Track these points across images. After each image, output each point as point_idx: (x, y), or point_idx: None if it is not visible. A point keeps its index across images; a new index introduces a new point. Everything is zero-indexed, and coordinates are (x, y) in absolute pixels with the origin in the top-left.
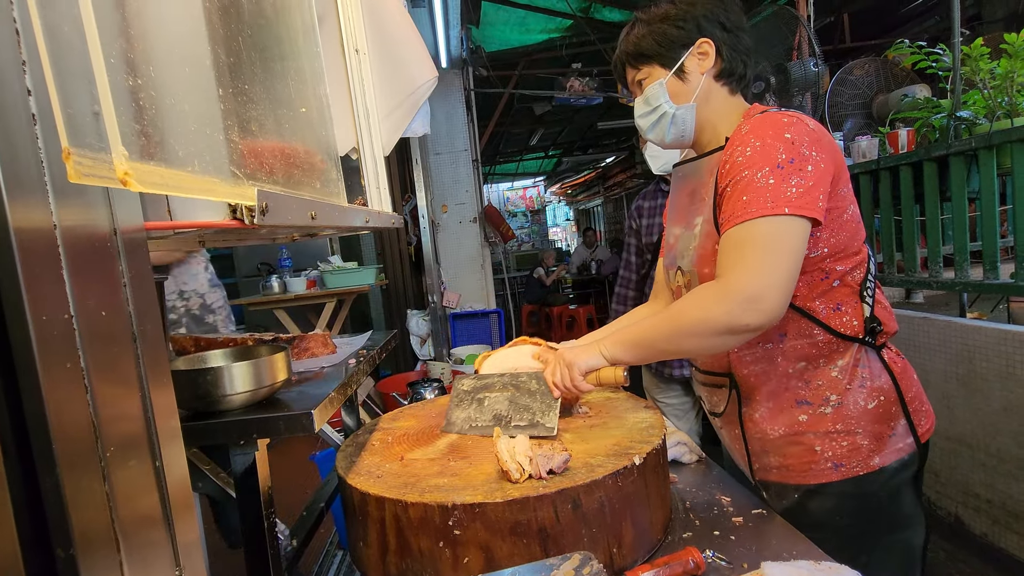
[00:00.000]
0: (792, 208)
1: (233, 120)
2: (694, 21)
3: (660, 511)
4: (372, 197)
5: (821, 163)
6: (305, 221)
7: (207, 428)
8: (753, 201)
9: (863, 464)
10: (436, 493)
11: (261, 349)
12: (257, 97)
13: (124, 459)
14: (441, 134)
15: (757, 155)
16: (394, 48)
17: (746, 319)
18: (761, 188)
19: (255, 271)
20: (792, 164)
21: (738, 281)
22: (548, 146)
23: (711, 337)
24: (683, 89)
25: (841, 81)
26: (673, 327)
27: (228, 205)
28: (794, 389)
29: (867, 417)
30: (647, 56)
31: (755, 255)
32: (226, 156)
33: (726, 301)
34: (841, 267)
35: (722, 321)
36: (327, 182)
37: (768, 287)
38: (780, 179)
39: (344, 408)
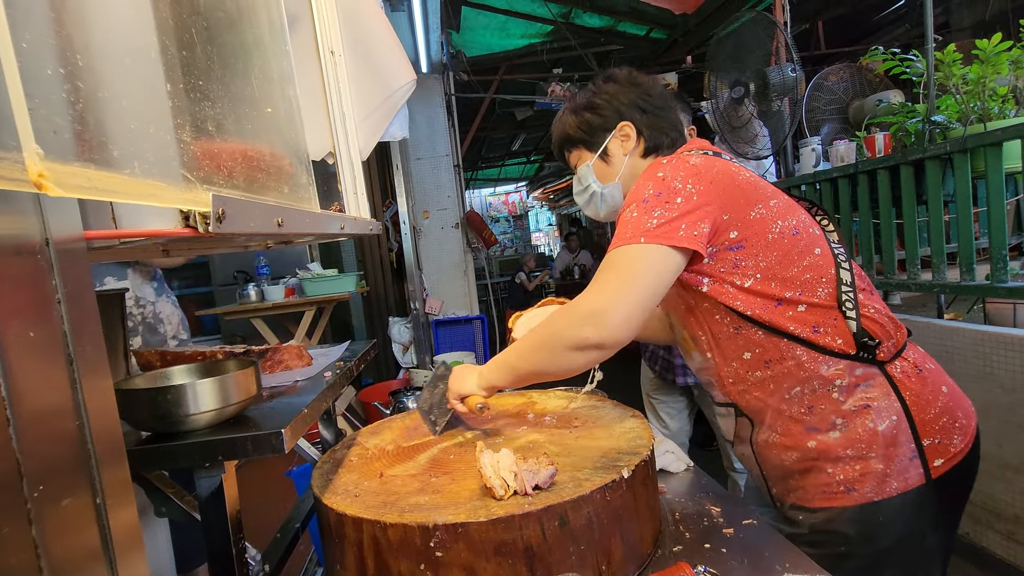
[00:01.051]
0: (648, 237)
1: (185, 119)
2: (614, 108)
3: (649, 524)
4: (349, 203)
5: (695, 195)
6: (271, 228)
7: (169, 450)
8: (619, 234)
9: (877, 490)
10: (416, 513)
11: (229, 364)
12: (215, 95)
13: (55, 498)
14: (422, 139)
15: (630, 195)
16: (371, 50)
17: (585, 332)
18: (625, 221)
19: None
20: (658, 197)
21: (583, 299)
22: (530, 151)
23: (558, 352)
24: (607, 170)
25: (817, 87)
26: (527, 344)
27: (180, 212)
28: (799, 416)
29: (880, 440)
30: (574, 141)
31: (604, 277)
32: (176, 158)
33: (569, 316)
34: (792, 287)
35: (566, 335)
36: (296, 187)
37: (609, 304)
38: (642, 212)
39: (321, 421)
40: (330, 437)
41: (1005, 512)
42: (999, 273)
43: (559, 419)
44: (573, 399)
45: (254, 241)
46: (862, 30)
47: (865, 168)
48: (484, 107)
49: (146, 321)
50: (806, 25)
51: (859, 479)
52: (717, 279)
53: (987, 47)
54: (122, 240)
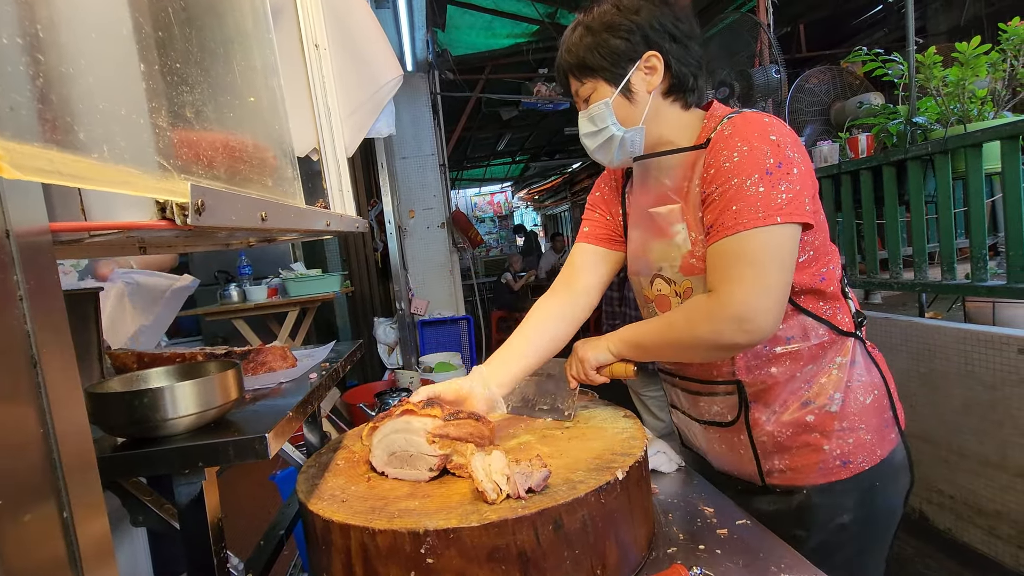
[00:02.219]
0: (784, 216)
1: (161, 103)
2: (641, 32)
3: (644, 526)
4: (334, 200)
5: (803, 165)
6: (254, 223)
7: (145, 457)
8: (743, 211)
9: (868, 458)
10: (406, 518)
11: (210, 366)
12: (194, 80)
13: (16, 514)
14: (407, 138)
15: (745, 161)
16: (357, 45)
17: (735, 339)
18: (751, 197)
19: (212, 279)
20: (780, 169)
21: (729, 301)
22: (515, 151)
23: (699, 350)
24: (630, 110)
25: (799, 88)
26: (665, 337)
27: (156, 202)
28: (800, 391)
29: (867, 412)
30: (591, 69)
31: (747, 272)
32: (151, 144)
33: (714, 320)
34: (826, 268)
35: (710, 340)
36: (281, 180)
37: (758, 309)
38: (769, 186)
39: (306, 424)
40: (315, 440)
41: (986, 508)
42: (979, 272)
43: (551, 420)
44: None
45: (236, 238)
46: (842, 34)
47: (848, 168)
48: (470, 106)
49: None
50: (787, 28)
51: (852, 451)
52: None
53: (967, 50)
54: (92, 233)
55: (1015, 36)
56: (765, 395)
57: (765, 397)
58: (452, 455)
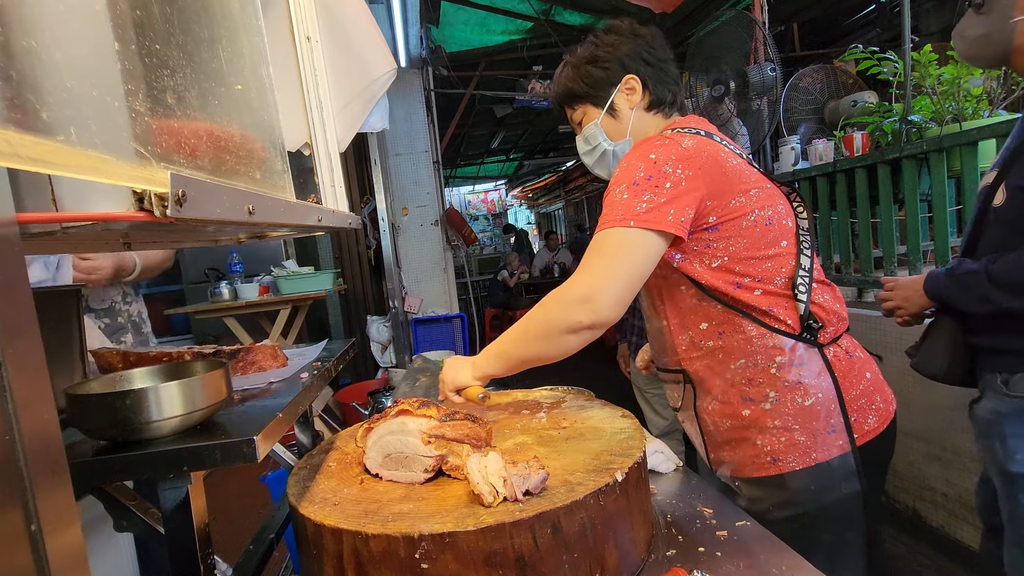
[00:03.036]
0: (637, 221)
1: (138, 86)
2: (618, 61)
3: (643, 528)
4: (327, 195)
5: (683, 180)
6: (240, 216)
7: (128, 461)
8: (607, 214)
9: (800, 460)
10: (400, 522)
11: (196, 365)
12: (175, 64)
13: None
14: (400, 135)
15: (620, 173)
16: (349, 37)
17: (578, 317)
18: (616, 202)
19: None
20: (648, 181)
21: (575, 283)
22: (509, 149)
23: (553, 337)
24: (617, 126)
25: (793, 87)
26: (521, 331)
27: (133, 192)
28: (739, 385)
29: (804, 414)
30: (579, 96)
31: (594, 261)
32: (126, 128)
33: (563, 303)
34: (753, 273)
35: (560, 320)
36: (270, 173)
37: (599, 289)
38: (632, 195)
39: (298, 424)
40: (307, 441)
41: None
42: None
43: (547, 419)
44: (561, 399)
45: (224, 234)
46: (835, 34)
47: (843, 167)
48: (464, 103)
49: (132, 319)
50: (781, 27)
51: (783, 450)
52: (688, 256)
53: None
54: (64, 225)
55: None
56: (705, 384)
57: (706, 386)
58: (448, 456)
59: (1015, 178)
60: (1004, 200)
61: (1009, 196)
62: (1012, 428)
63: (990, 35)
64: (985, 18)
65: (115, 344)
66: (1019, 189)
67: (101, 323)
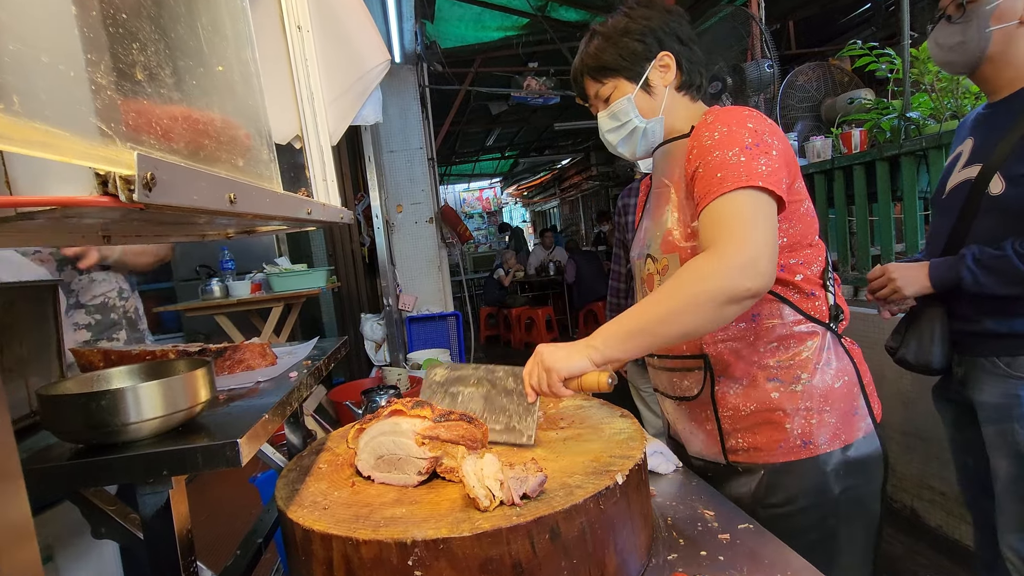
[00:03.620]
0: (764, 182)
1: (101, 57)
2: (654, 35)
3: (643, 532)
4: (318, 189)
5: (777, 152)
6: (220, 205)
7: (104, 465)
8: (728, 176)
9: (829, 442)
10: (392, 527)
11: (179, 364)
12: (145, 37)
13: None
14: (395, 131)
15: (725, 138)
16: (342, 27)
17: (746, 283)
18: (734, 164)
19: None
20: (758, 147)
21: (731, 248)
22: (504, 147)
23: (712, 309)
24: (650, 103)
25: (790, 85)
26: (668, 307)
27: (96, 174)
28: (766, 368)
29: (834, 395)
30: (611, 70)
31: (741, 224)
32: (86, 102)
33: (723, 268)
34: (797, 259)
35: (722, 288)
36: (255, 162)
37: (760, 252)
38: (750, 157)
39: (288, 424)
40: (297, 441)
41: None
42: None
43: (545, 420)
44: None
45: (213, 227)
46: (830, 32)
47: (841, 164)
48: (459, 100)
49: (127, 315)
50: (777, 25)
51: (814, 432)
52: None
53: None
54: (20, 210)
55: None
56: (729, 368)
57: (731, 371)
58: (442, 458)
59: (1015, 167)
60: (1004, 188)
61: (1010, 184)
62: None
63: (966, 43)
64: (961, 27)
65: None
66: (1021, 177)
67: (92, 319)
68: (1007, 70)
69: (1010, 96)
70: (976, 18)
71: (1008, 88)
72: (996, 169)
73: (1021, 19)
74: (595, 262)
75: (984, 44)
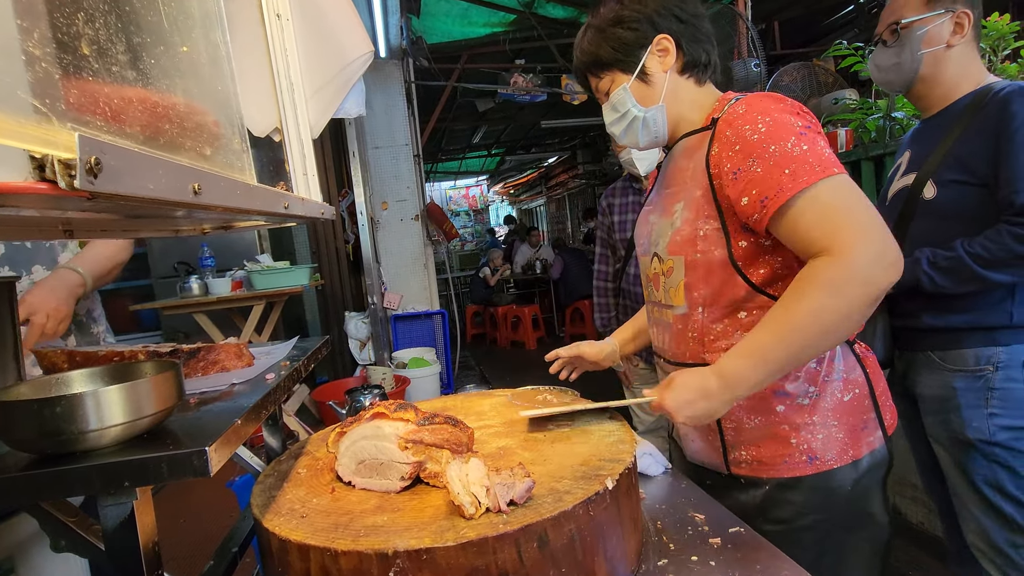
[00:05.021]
0: (838, 167)
1: (35, 24)
2: (648, 20)
3: (633, 537)
4: (298, 184)
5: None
6: (183, 196)
7: (59, 477)
8: (799, 170)
9: (837, 458)
10: (373, 537)
11: (146, 367)
12: (91, 6)
13: None
14: (380, 127)
15: (774, 129)
16: (323, 16)
17: (885, 279)
18: (800, 156)
19: (172, 271)
20: (809, 130)
21: (856, 247)
22: (491, 144)
23: (860, 316)
24: (648, 91)
25: (776, 84)
26: (815, 330)
27: (31, 157)
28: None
29: (842, 409)
30: (606, 64)
31: (847, 217)
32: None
33: (856, 272)
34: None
35: (865, 293)
36: (224, 151)
37: (882, 240)
38: (811, 144)
39: (266, 426)
40: (276, 444)
41: None
42: None
43: (533, 422)
44: (545, 399)
45: (187, 223)
46: (814, 33)
47: None
48: (445, 96)
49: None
50: (763, 25)
51: (821, 448)
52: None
53: None
54: None
55: (994, 32)
56: None
57: None
58: (426, 463)
59: (944, 174)
60: (936, 193)
61: (941, 189)
62: (965, 399)
63: (901, 64)
64: (896, 50)
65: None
66: (951, 182)
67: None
68: (937, 88)
69: (940, 112)
70: (909, 42)
71: (939, 105)
72: (929, 176)
73: (948, 43)
74: (583, 260)
75: (916, 65)
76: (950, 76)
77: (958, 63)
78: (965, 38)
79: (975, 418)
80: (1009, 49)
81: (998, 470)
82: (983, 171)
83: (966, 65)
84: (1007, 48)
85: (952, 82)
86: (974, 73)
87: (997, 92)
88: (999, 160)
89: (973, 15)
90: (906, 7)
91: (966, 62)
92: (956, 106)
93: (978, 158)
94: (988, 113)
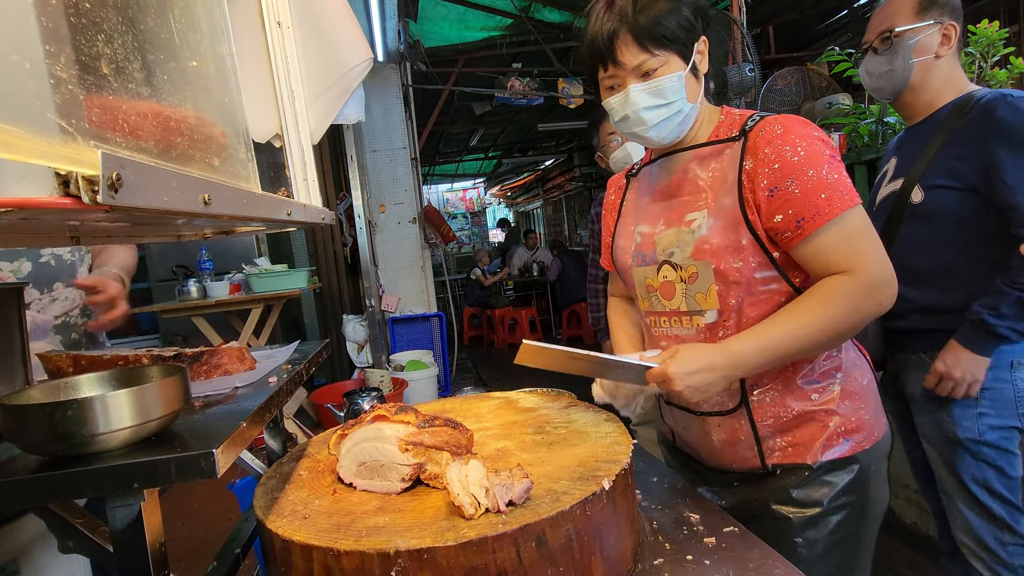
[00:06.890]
0: (858, 199)
1: (61, 48)
2: (703, 14)
3: (629, 537)
4: (299, 189)
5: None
6: (194, 206)
7: (70, 479)
8: (833, 197)
9: (867, 438)
10: (375, 537)
11: (152, 371)
12: (111, 28)
13: None
14: (378, 130)
15: (810, 155)
16: (323, 24)
17: (887, 304)
18: (833, 183)
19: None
20: (834, 159)
21: (873, 271)
22: (488, 147)
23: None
24: (695, 87)
25: (770, 88)
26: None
27: (56, 174)
28: (803, 371)
29: (864, 393)
30: (668, 40)
31: (868, 244)
32: (44, 96)
33: (873, 292)
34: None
35: (874, 313)
36: (231, 161)
37: (890, 270)
38: (839, 173)
39: (267, 429)
40: (277, 447)
41: None
42: None
43: (531, 424)
44: (542, 402)
45: (190, 228)
46: (808, 38)
47: None
48: (442, 100)
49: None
50: (757, 30)
51: (855, 428)
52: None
53: None
54: None
55: (984, 38)
56: (766, 375)
57: (765, 377)
58: (426, 464)
59: (930, 179)
60: (923, 197)
61: (928, 193)
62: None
63: (893, 71)
64: (887, 58)
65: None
66: (937, 187)
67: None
68: (924, 96)
69: (925, 119)
70: (901, 50)
71: (924, 112)
72: (916, 181)
73: (936, 54)
74: (581, 262)
75: (908, 73)
76: (935, 85)
77: (944, 73)
78: (951, 49)
79: (965, 417)
80: (999, 56)
81: (987, 469)
82: (969, 177)
83: (950, 75)
84: (996, 55)
85: (937, 91)
86: (957, 82)
87: (979, 100)
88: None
89: (958, 28)
90: (898, 16)
91: (951, 72)
92: (939, 114)
93: (964, 164)
94: (972, 120)
